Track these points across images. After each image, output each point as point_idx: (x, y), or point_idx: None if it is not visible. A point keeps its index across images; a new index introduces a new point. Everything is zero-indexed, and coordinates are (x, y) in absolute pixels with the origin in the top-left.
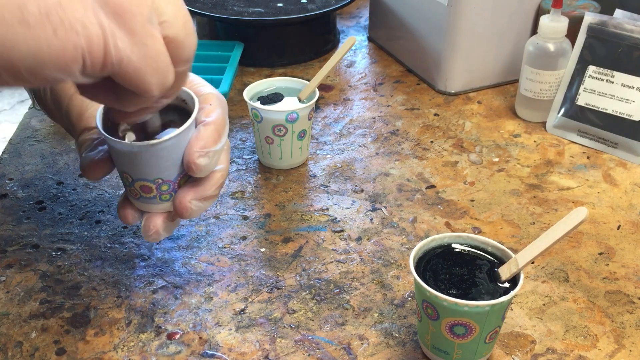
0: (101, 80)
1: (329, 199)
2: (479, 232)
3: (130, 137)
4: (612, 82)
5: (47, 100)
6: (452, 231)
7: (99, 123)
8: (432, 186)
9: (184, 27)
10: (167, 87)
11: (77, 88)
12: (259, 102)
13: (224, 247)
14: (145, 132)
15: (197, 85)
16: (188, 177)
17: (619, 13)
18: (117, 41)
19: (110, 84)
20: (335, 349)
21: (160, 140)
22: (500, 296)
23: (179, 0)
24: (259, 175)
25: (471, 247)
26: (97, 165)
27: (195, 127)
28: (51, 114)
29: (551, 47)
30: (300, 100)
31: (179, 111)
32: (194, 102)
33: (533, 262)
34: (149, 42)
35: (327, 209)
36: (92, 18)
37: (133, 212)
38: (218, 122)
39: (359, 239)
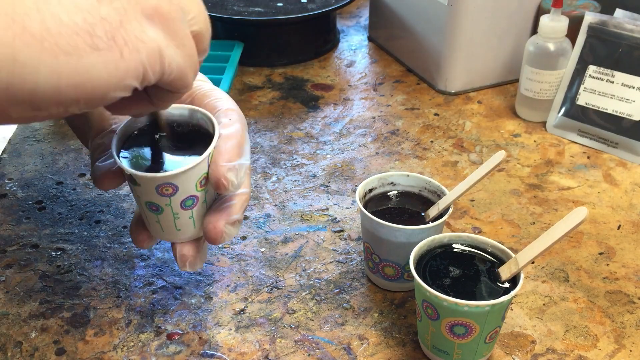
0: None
1: (329, 199)
2: (479, 232)
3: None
4: (613, 82)
5: None
6: (452, 231)
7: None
8: None
9: (206, 21)
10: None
11: (106, 107)
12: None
13: (224, 247)
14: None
15: (215, 100)
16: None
17: (619, 13)
18: (167, 49)
19: (141, 93)
20: (335, 349)
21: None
22: (500, 296)
23: None
24: (259, 175)
25: (471, 247)
26: (112, 176)
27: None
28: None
29: (551, 46)
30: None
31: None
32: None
33: (533, 262)
34: (187, 42)
35: (327, 209)
36: (146, 33)
37: (149, 236)
38: (238, 135)
39: (359, 239)
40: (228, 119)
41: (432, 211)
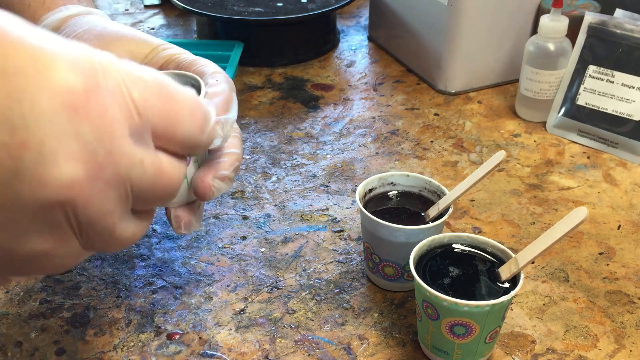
0: None
1: (329, 199)
2: (479, 232)
3: None
4: (613, 82)
5: None
6: (452, 231)
7: None
8: None
9: (191, 120)
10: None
11: None
12: None
13: (224, 247)
14: None
15: (202, 66)
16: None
17: (619, 13)
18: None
19: None
20: (335, 349)
21: None
22: (501, 296)
23: (168, 95)
24: (259, 175)
25: (471, 247)
26: None
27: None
28: None
29: (551, 46)
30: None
31: None
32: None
33: (533, 262)
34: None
35: (327, 209)
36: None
37: None
38: (225, 93)
39: (359, 239)
40: (215, 79)
41: (432, 211)
